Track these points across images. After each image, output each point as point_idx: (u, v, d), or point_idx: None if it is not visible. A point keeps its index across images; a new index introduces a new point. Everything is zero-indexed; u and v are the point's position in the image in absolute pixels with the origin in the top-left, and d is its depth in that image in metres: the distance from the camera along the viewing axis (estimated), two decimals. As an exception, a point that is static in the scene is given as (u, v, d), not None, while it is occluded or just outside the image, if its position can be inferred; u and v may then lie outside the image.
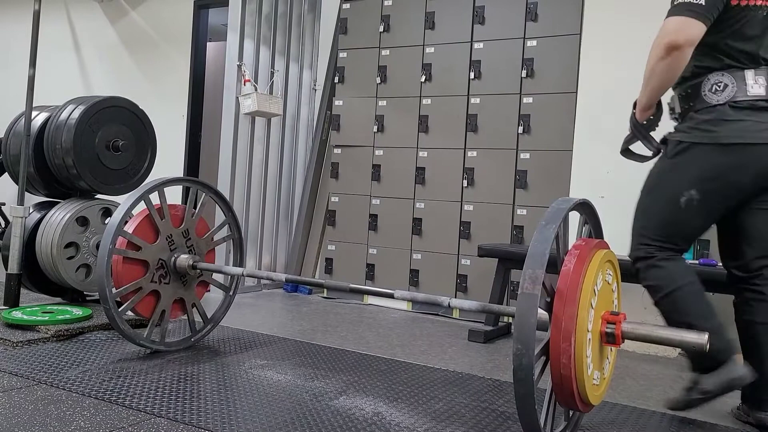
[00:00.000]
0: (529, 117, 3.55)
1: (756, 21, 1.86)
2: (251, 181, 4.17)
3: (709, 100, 1.87)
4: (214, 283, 2.66)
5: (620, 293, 1.82)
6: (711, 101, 1.86)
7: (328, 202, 4.21)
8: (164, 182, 2.39)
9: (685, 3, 1.80)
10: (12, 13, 6.02)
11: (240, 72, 3.97)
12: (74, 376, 2.10)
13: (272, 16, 4.24)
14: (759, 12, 1.86)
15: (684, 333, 1.63)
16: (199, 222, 2.55)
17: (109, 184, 3.10)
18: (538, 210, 3.49)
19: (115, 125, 3.09)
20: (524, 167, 3.56)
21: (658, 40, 1.82)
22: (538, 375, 1.56)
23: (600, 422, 1.98)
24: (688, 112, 1.95)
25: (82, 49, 5.62)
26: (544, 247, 1.49)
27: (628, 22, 3.11)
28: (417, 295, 2.00)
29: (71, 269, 2.93)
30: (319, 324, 3.27)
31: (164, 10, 5.22)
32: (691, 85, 1.93)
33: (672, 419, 2.08)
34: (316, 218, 4.39)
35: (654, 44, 1.84)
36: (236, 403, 1.94)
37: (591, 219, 1.87)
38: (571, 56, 3.40)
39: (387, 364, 2.52)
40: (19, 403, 1.82)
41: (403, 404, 2.03)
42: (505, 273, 3.12)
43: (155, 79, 5.24)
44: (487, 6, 3.70)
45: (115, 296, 2.27)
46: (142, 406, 1.86)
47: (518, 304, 1.47)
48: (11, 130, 3.20)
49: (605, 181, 3.14)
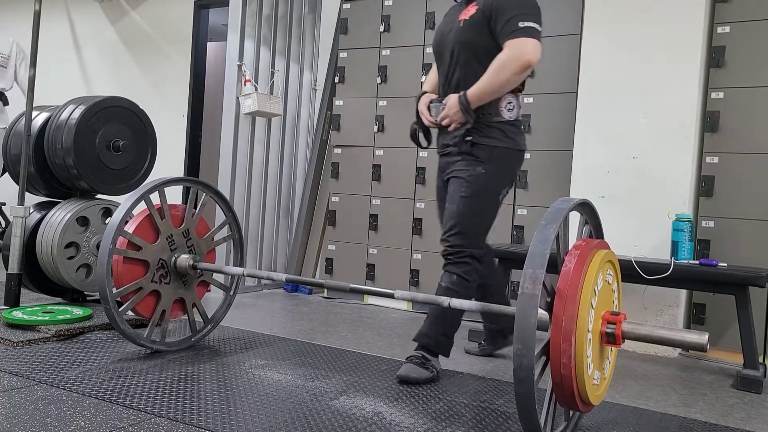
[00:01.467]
0: (529, 117, 3.54)
1: None
2: (251, 181, 4.17)
3: (505, 115, 2.29)
4: (214, 283, 2.66)
5: (620, 293, 1.82)
6: (506, 117, 2.29)
7: (329, 202, 4.21)
8: (165, 182, 2.39)
9: (534, 29, 2.19)
10: (12, 14, 6.02)
11: (240, 72, 3.97)
12: (74, 376, 2.10)
13: (273, 16, 4.24)
14: None
15: (684, 333, 1.63)
16: (200, 222, 2.55)
17: (110, 184, 3.10)
18: (538, 210, 3.49)
19: (116, 125, 3.09)
20: (524, 167, 3.55)
21: (523, 57, 2.15)
22: (539, 375, 1.56)
23: (600, 422, 1.98)
24: (484, 121, 2.29)
25: (83, 49, 5.63)
26: (545, 247, 1.49)
27: (628, 22, 3.11)
28: (417, 295, 2.00)
29: (72, 269, 2.93)
30: (320, 324, 3.27)
31: (165, 10, 5.23)
32: (492, 100, 2.27)
33: (672, 419, 2.08)
34: (317, 218, 4.39)
35: (513, 59, 2.17)
36: (236, 403, 1.94)
37: (591, 219, 1.87)
38: (571, 56, 3.39)
39: (387, 364, 2.52)
40: (19, 403, 1.82)
41: (404, 404, 2.03)
42: (505, 273, 3.12)
43: (155, 79, 5.24)
44: (488, 6, 3.69)
45: (115, 296, 2.27)
46: (143, 406, 1.86)
47: (518, 304, 1.47)
48: (12, 130, 3.20)
49: (605, 181, 3.14)
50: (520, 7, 2.20)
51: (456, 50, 2.33)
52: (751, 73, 2.98)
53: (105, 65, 5.50)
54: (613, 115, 3.15)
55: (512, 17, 2.18)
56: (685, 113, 3.01)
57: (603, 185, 3.14)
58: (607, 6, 3.17)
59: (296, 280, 2.25)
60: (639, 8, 3.09)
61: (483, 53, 2.25)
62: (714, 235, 3.03)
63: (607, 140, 3.16)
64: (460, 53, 2.32)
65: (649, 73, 3.07)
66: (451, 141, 2.35)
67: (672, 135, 3.02)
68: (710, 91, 3.06)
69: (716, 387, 2.52)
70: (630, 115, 3.11)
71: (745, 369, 2.53)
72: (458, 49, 2.32)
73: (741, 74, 3.00)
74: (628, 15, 3.12)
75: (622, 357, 2.91)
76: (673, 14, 3.02)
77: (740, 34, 3.01)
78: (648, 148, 3.06)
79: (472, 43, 2.28)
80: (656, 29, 3.06)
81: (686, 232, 2.81)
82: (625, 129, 3.13)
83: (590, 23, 3.22)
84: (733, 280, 2.55)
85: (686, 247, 2.81)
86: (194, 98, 5.13)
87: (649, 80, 3.07)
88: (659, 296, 2.99)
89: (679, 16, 3.01)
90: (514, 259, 3.05)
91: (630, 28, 3.11)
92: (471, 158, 2.29)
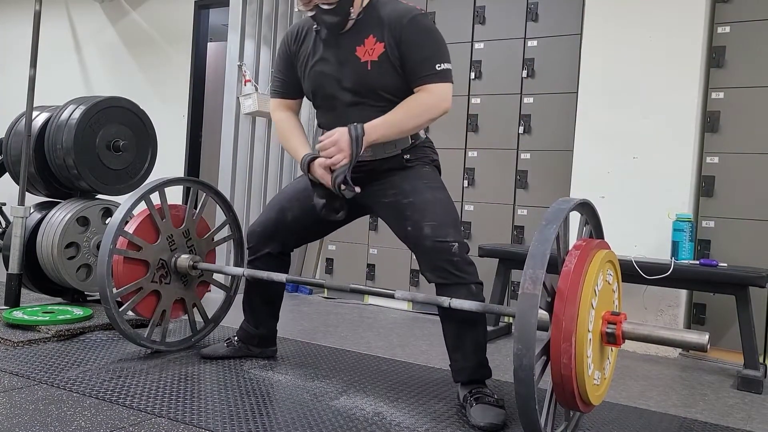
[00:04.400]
0: (529, 117, 3.55)
1: None
2: (252, 181, 4.16)
3: (421, 135, 2.15)
4: (214, 283, 2.66)
5: (621, 293, 1.82)
6: (423, 137, 2.16)
7: (329, 202, 4.20)
8: (165, 182, 2.39)
9: (450, 72, 2.01)
10: (13, 14, 6.02)
11: (240, 72, 3.97)
12: (75, 376, 2.10)
13: (273, 16, 4.24)
14: None
15: (685, 333, 1.63)
16: (200, 222, 2.55)
17: (110, 184, 3.10)
18: (538, 210, 3.49)
19: (116, 125, 3.09)
20: (524, 167, 3.56)
21: (442, 105, 1.99)
22: (539, 375, 1.56)
23: (600, 422, 1.98)
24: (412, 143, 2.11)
25: (83, 49, 5.62)
26: (545, 248, 1.49)
27: (628, 22, 3.11)
28: (417, 295, 2.00)
29: (72, 269, 2.93)
30: (320, 324, 3.27)
31: (165, 10, 5.22)
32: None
33: (672, 419, 2.08)
34: (317, 218, 4.38)
35: (433, 106, 1.99)
36: (236, 403, 1.94)
37: (591, 219, 1.87)
38: (572, 56, 3.40)
39: (387, 364, 2.52)
40: (19, 403, 1.82)
41: (404, 404, 2.03)
42: (505, 273, 3.12)
43: (156, 80, 5.24)
44: (488, 6, 3.70)
45: (115, 296, 2.27)
46: (143, 406, 1.86)
47: (519, 304, 1.47)
48: (12, 131, 3.20)
49: (605, 181, 3.14)
50: (434, 45, 1.99)
51: (361, 93, 2.04)
52: (752, 73, 2.98)
53: (105, 65, 5.50)
54: (613, 115, 3.15)
55: (428, 58, 1.97)
56: (686, 113, 3.01)
57: (603, 185, 3.14)
58: (607, 6, 3.17)
59: (296, 280, 2.25)
60: (639, 8, 3.09)
61: (391, 93, 2.03)
62: (714, 235, 3.03)
63: (607, 140, 3.16)
64: (366, 97, 2.04)
65: (649, 73, 3.07)
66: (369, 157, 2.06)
67: (672, 135, 3.02)
68: (710, 91, 3.06)
69: (716, 387, 2.52)
70: (630, 115, 3.11)
71: (745, 369, 2.53)
72: (364, 92, 2.04)
73: (741, 74, 3.00)
74: (628, 15, 3.12)
75: (623, 357, 2.91)
76: (673, 14, 3.02)
77: (740, 34, 3.01)
78: (648, 148, 3.06)
79: (384, 87, 2.02)
80: (656, 29, 3.06)
81: (686, 232, 2.82)
82: (625, 129, 3.13)
83: (590, 23, 3.22)
84: (733, 280, 2.55)
85: (686, 247, 2.82)
86: (194, 98, 5.13)
87: (649, 80, 3.07)
88: (659, 296, 2.99)
89: (679, 16, 3.01)
90: (514, 259, 3.06)
91: (630, 28, 3.11)
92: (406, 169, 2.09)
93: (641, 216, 3.06)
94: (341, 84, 2.06)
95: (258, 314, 2.44)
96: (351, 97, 2.06)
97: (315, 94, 2.16)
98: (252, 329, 2.45)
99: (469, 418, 1.90)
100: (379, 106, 2.03)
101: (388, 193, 2.07)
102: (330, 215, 2.07)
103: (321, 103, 2.17)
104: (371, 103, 2.04)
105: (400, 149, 2.08)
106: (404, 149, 2.09)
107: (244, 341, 2.46)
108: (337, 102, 2.09)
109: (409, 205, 2.01)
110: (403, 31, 1.97)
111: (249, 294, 2.43)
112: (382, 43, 2.00)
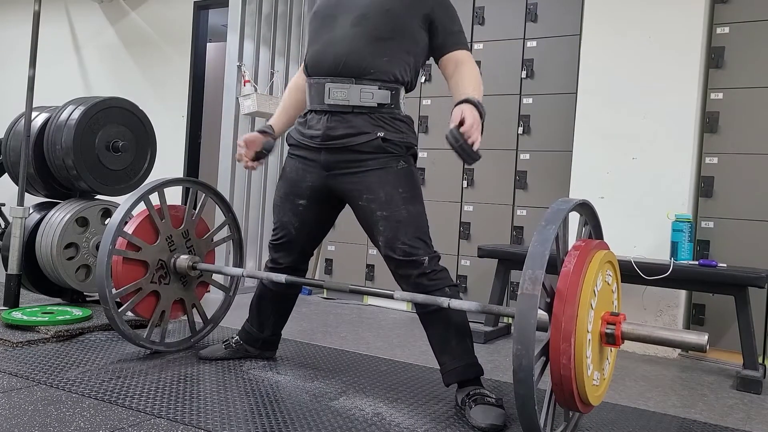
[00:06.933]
0: (529, 117, 3.55)
1: None
2: (251, 182, 4.16)
3: (403, 109, 2.11)
4: (214, 283, 2.66)
5: (620, 294, 1.82)
6: (402, 112, 2.11)
7: (328, 202, 4.21)
8: (164, 183, 2.39)
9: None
10: (12, 14, 6.02)
11: (240, 73, 3.97)
12: (74, 376, 2.10)
13: (272, 16, 4.24)
14: None
15: (684, 334, 1.63)
16: (199, 222, 2.55)
17: (109, 184, 3.10)
18: (538, 210, 3.49)
19: (115, 126, 3.09)
20: (524, 168, 3.56)
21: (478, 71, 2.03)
22: (538, 375, 1.56)
23: (600, 423, 1.98)
24: (388, 114, 2.06)
25: (82, 49, 5.62)
26: (544, 248, 1.49)
27: (627, 22, 3.11)
28: (417, 296, 2.00)
29: (71, 270, 2.93)
30: (319, 324, 3.27)
31: (164, 10, 5.22)
32: (396, 91, 2.07)
33: (672, 420, 2.08)
34: (316, 219, 4.38)
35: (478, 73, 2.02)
36: (236, 403, 1.94)
37: (591, 220, 1.87)
38: (571, 56, 3.40)
39: (387, 365, 2.52)
40: (18, 404, 1.82)
41: (403, 405, 2.03)
42: (505, 274, 3.12)
43: (155, 80, 5.24)
44: (487, 7, 3.70)
45: (115, 297, 2.27)
46: (142, 407, 1.86)
47: (518, 304, 1.47)
48: (11, 131, 3.20)
49: (605, 181, 3.14)
50: (458, 18, 2.12)
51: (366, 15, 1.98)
52: (751, 73, 2.98)
53: (105, 65, 5.49)
54: (613, 115, 3.15)
55: (461, 31, 2.09)
56: (685, 114, 3.01)
57: (603, 185, 3.15)
58: (607, 6, 3.17)
59: (296, 280, 2.25)
60: (638, 9, 3.09)
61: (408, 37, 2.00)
62: (713, 235, 3.03)
63: (607, 140, 3.16)
64: (369, 19, 1.97)
65: (648, 73, 3.07)
66: (344, 131, 2.01)
67: (671, 135, 3.02)
68: (710, 91, 3.07)
69: (716, 388, 2.52)
70: (630, 115, 3.11)
71: (744, 369, 2.53)
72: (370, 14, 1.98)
73: (740, 75, 3.00)
74: (628, 15, 3.12)
75: (622, 358, 2.91)
76: (672, 15, 3.02)
77: (739, 34, 3.01)
78: (648, 148, 3.07)
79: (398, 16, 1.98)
80: (655, 30, 3.07)
81: (686, 233, 2.82)
82: (625, 129, 3.13)
83: (589, 23, 3.22)
84: (733, 280, 2.55)
85: (686, 248, 2.82)
86: (194, 99, 5.13)
87: (648, 81, 3.07)
88: (659, 297, 3.00)
89: (679, 16, 3.01)
90: (513, 259, 3.06)
91: (629, 28, 3.11)
92: (384, 154, 2.02)
93: (640, 216, 3.06)
94: (346, 6, 2.03)
95: (265, 318, 2.41)
96: (350, 19, 2.00)
97: (316, 15, 2.10)
98: (255, 332, 2.43)
99: (469, 419, 1.89)
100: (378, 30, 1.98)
101: (363, 197, 2.04)
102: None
103: (319, 25, 2.08)
104: (371, 29, 1.98)
105: (376, 102, 2.00)
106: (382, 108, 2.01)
107: (245, 342, 2.45)
108: (336, 23, 2.03)
109: (383, 219, 2.01)
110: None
111: (260, 297, 2.40)
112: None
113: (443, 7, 2.07)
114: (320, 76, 2.04)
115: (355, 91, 1.99)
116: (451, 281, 2.05)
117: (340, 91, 2.00)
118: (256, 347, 2.45)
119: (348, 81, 2.00)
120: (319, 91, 2.04)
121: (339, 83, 2.00)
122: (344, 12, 2.03)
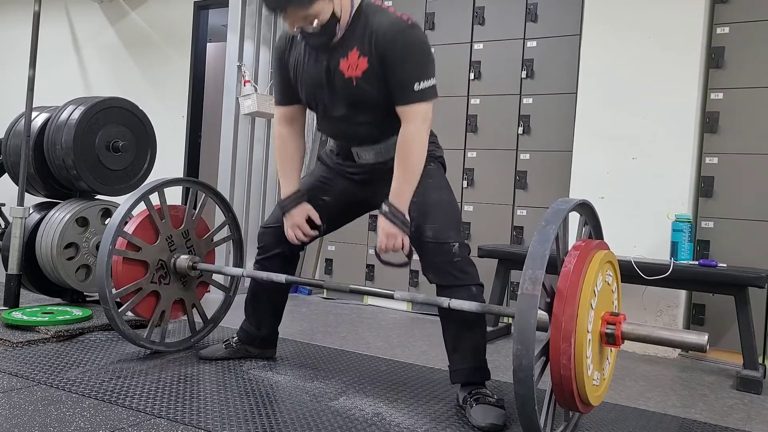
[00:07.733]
0: (529, 117, 3.55)
1: None
2: (251, 182, 4.16)
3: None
4: (214, 283, 2.66)
5: (620, 294, 1.82)
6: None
7: (328, 202, 4.20)
8: (164, 183, 2.39)
9: (432, 88, 1.95)
10: (12, 14, 6.02)
11: (240, 73, 3.97)
12: (74, 376, 2.10)
13: (272, 16, 4.24)
14: None
15: (684, 334, 1.63)
16: (199, 222, 2.55)
17: (109, 184, 3.10)
18: (538, 210, 3.49)
19: (115, 126, 3.09)
20: (524, 168, 3.56)
21: (424, 127, 1.95)
22: (538, 375, 1.56)
23: (600, 423, 1.98)
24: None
25: (82, 49, 5.62)
26: (544, 248, 1.49)
27: (627, 22, 3.11)
28: (417, 296, 2.00)
29: (71, 270, 2.93)
30: (319, 324, 3.27)
31: (164, 10, 5.22)
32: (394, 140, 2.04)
33: (672, 420, 2.08)
34: (316, 219, 4.38)
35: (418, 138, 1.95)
36: (236, 403, 1.94)
37: (591, 220, 1.87)
38: (571, 56, 3.40)
39: (387, 365, 2.52)
40: (18, 404, 1.82)
41: (403, 405, 2.03)
42: (505, 274, 3.12)
43: (155, 80, 5.24)
44: (487, 6, 3.70)
45: (115, 297, 2.27)
46: (142, 407, 1.86)
47: (518, 304, 1.47)
48: (11, 131, 3.20)
49: (605, 181, 3.14)
50: (414, 63, 1.91)
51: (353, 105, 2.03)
52: (751, 73, 2.98)
53: (105, 66, 5.49)
54: (613, 115, 3.15)
55: (407, 78, 1.90)
56: (685, 114, 3.01)
57: (603, 185, 3.14)
58: (606, 6, 3.17)
59: (296, 280, 2.24)
60: (638, 9, 3.09)
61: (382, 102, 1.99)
62: (714, 235, 3.03)
63: (607, 140, 3.16)
64: (358, 108, 2.03)
65: (648, 73, 3.07)
66: (375, 160, 2.12)
67: (671, 135, 3.02)
68: (710, 91, 3.07)
69: (716, 388, 2.52)
70: (630, 115, 3.11)
71: (744, 370, 2.53)
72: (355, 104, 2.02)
73: (740, 75, 3.00)
74: (628, 15, 3.12)
75: (622, 358, 2.91)
76: (672, 15, 3.02)
77: (739, 34, 3.01)
78: (647, 148, 3.07)
79: (373, 98, 1.99)
80: (655, 30, 3.06)
81: (686, 233, 2.82)
82: (625, 129, 3.13)
83: (590, 23, 3.22)
84: (733, 280, 2.55)
85: (686, 248, 2.82)
86: (194, 99, 5.13)
87: (648, 81, 3.07)
88: (659, 297, 3.00)
89: (679, 16, 3.01)
90: (513, 259, 3.06)
91: (629, 28, 3.11)
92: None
93: (640, 216, 3.06)
94: (332, 96, 2.04)
95: (261, 315, 2.43)
96: (343, 109, 2.04)
97: (310, 105, 2.16)
98: (254, 330, 2.44)
99: (469, 419, 1.89)
100: (372, 114, 2.03)
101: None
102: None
103: (317, 112, 2.16)
104: (364, 113, 2.03)
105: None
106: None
107: (245, 342, 2.46)
108: (332, 113, 2.08)
109: (413, 205, 1.99)
110: (387, 48, 1.91)
111: (254, 295, 2.42)
112: (366, 58, 1.94)
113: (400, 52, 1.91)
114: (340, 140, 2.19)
115: (378, 149, 2.11)
116: (478, 279, 2.02)
117: (365, 152, 2.14)
118: (256, 346, 2.45)
119: (369, 145, 2.12)
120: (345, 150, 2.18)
121: (363, 146, 2.13)
122: (330, 102, 2.06)
